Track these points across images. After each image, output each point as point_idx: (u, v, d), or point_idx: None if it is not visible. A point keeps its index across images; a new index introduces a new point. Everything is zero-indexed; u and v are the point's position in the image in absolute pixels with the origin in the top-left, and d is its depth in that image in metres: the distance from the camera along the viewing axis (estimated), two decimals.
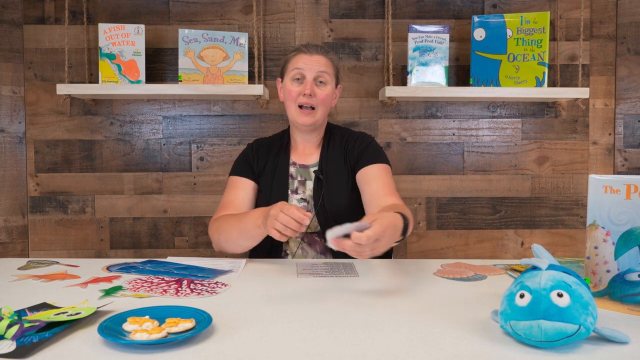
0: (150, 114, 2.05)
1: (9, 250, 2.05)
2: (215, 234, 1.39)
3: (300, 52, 1.45)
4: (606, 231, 0.92)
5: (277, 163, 1.50)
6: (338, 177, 1.46)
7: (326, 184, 1.44)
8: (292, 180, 1.48)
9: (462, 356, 0.71)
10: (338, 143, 1.51)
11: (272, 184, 1.47)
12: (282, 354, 0.72)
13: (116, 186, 2.05)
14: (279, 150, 1.52)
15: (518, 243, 2.12)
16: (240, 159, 1.54)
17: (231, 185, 1.50)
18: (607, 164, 2.11)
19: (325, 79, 1.43)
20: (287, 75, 1.47)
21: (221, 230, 1.36)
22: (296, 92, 1.42)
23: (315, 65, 1.42)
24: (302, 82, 1.43)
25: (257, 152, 1.52)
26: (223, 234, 1.35)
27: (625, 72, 2.07)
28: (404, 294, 1.01)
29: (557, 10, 2.06)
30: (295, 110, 1.43)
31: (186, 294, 1.00)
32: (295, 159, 1.51)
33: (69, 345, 0.74)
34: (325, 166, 1.47)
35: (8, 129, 2.03)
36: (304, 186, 1.47)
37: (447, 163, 2.10)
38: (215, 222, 1.41)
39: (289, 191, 1.46)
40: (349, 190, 1.45)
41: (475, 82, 1.94)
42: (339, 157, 1.48)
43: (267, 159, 1.51)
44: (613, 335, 0.74)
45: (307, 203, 1.46)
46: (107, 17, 2.02)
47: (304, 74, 1.42)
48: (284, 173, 1.48)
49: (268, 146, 1.54)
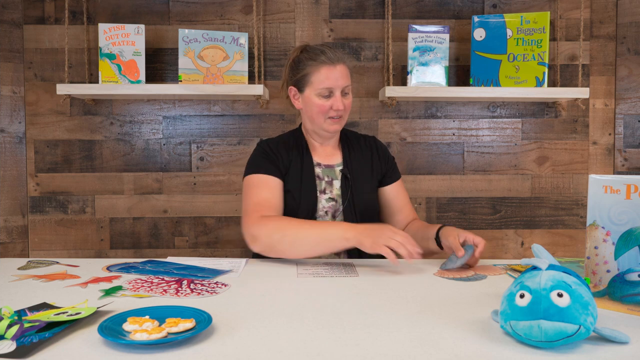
0: (150, 114, 2.05)
1: (9, 250, 2.05)
2: (276, 233, 1.29)
3: (323, 65, 1.41)
4: (606, 231, 0.92)
5: (301, 163, 1.48)
6: (364, 177, 1.52)
7: (353, 183, 1.48)
8: (319, 181, 1.48)
9: (462, 356, 0.71)
10: (360, 145, 1.57)
11: (300, 184, 1.45)
12: (282, 354, 0.72)
13: (116, 186, 2.05)
14: (300, 151, 1.50)
15: (518, 243, 2.12)
16: (261, 157, 1.47)
17: (261, 183, 1.43)
18: (607, 164, 2.11)
19: (348, 89, 1.46)
20: (310, 88, 1.44)
21: (286, 232, 1.28)
22: (327, 107, 1.43)
23: (340, 79, 1.42)
24: (329, 97, 1.43)
25: (277, 151, 1.48)
26: (289, 236, 1.27)
27: (625, 72, 2.07)
28: (404, 294, 1.01)
29: (557, 10, 2.06)
30: (326, 121, 1.45)
31: (186, 294, 1.00)
32: (319, 159, 1.52)
33: (69, 345, 0.74)
34: (350, 166, 1.51)
35: (8, 129, 2.03)
36: (331, 186, 1.49)
37: (447, 163, 2.10)
38: (268, 220, 1.32)
39: (317, 191, 1.46)
40: (374, 190, 1.54)
41: (475, 82, 1.94)
42: (364, 159, 1.55)
43: (290, 159, 1.48)
44: (613, 335, 0.74)
45: (335, 202, 1.47)
46: (107, 17, 2.02)
47: (333, 90, 1.43)
48: (310, 174, 1.47)
49: (285, 146, 1.51)
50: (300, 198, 1.43)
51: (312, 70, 1.43)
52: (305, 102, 1.47)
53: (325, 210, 1.46)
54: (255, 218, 1.34)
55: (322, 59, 1.42)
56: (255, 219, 1.34)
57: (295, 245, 1.27)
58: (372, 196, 1.52)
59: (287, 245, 1.28)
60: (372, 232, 1.20)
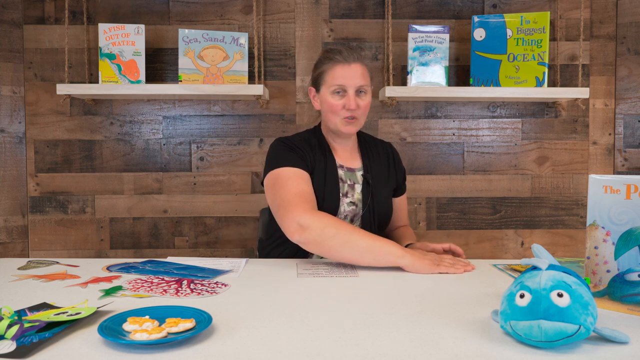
0: (150, 114, 2.05)
1: (9, 250, 2.05)
2: (330, 228, 1.22)
3: (338, 63, 1.40)
4: (606, 231, 0.92)
5: (325, 164, 1.44)
6: (382, 183, 1.51)
7: (374, 189, 1.47)
8: (342, 183, 1.45)
9: (462, 356, 0.71)
10: (378, 150, 1.56)
11: (324, 186, 1.41)
12: (282, 354, 0.72)
13: (116, 186, 2.05)
14: (323, 151, 1.46)
15: (518, 243, 2.12)
16: (287, 151, 1.41)
17: (295, 176, 1.35)
18: (607, 164, 2.11)
19: (365, 89, 1.42)
20: (325, 87, 1.42)
21: (340, 231, 1.22)
22: (339, 105, 1.40)
23: (355, 77, 1.39)
24: (343, 95, 1.40)
25: (302, 148, 1.43)
26: (343, 235, 1.22)
27: (625, 72, 2.07)
28: (404, 294, 1.01)
29: (557, 10, 2.06)
30: (340, 121, 1.42)
31: (186, 294, 1.00)
32: (341, 161, 1.48)
33: (69, 345, 0.74)
34: (371, 171, 1.49)
35: (8, 129, 2.03)
36: (353, 190, 1.46)
37: (447, 163, 2.10)
38: (321, 214, 1.26)
39: (340, 194, 1.43)
40: (389, 197, 1.55)
41: (475, 82, 1.94)
42: (383, 165, 1.54)
43: (314, 157, 1.43)
44: (613, 335, 0.74)
45: (355, 207, 1.45)
46: (107, 17, 2.02)
47: (346, 88, 1.39)
48: (334, 176, 1.44)
49: (309, 144, 1.46)
50: (324, 200, 1.39)
51: (327, 68, 1.42)
52: (321, 101, 1.45)
53: (345, 214, 1.43)
54: (306, 208, 1.26)
55: (337, 58, 1.40)
56: (306, 209, 1.26)
57: (347, 246, 1.21)
58: (388, 202, 1.52)
59: (339, 243, 1.21)
60: (425, 256, 1.22)
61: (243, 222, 2.07)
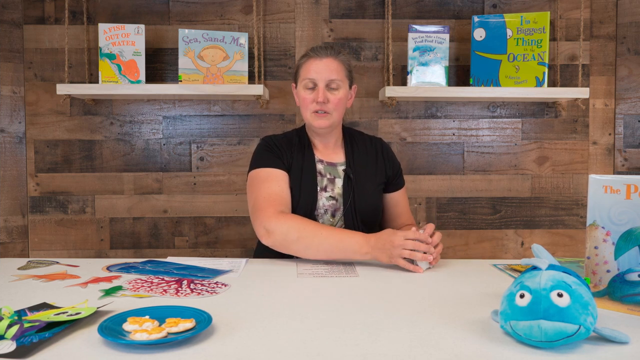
0: (150, 114, 2.05)
1: (9, 250, 2.05)
2: (293, 232, 1.27)
3: (310, 58, 1.44)
4: (606, 231, 0.92)
5: (303, 160, 1.46)
6: (367, 179, 1.50)
7: (356, 184, 1.47)
8: (321, 177, 1.47)
9: (462, 356, 0.71)
10: (365, 145, 1.55)
11: (300, 181, 1.44)
12: (282, 354, 0.72)
13: (116, 186, 2.05)
14: (302, 148, 1.49)
15: (518, 243, 2.12)
16: (265, 151, 1.46)
17: (269, 177, 1.41)
18: (607, 164, 2.11)
19: (336, 84, 1.43)
20: (299, 82, 1.47)
21: (303, 234, 1.27)
22: (309, 99, 1.43)
23: (325, 71, 1.42)
24: (314, 90, 1.43)
25: (280, 146, 1.47)
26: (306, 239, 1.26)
27: (625, 72, 2.07)
28: (404, 294, 1.01)
29: (557, 10, 2.06)
30: (311, 115, 1.44)
31: (186, 294, 1.00)
32: (321, 156, 1.51)
33: (69, 345, 0.74)
34: (353, 166, 1.49)
35: (8, 129, 2.03)
36: (332, 184, 1.47)
37: (447, 163, 2.10)
38: (285, 217, 1.31)
39: (317, 188, 1.45)
40: (378, 193, 1.53)
41: (475, 82, 1.94)
42: (368, 160, 1.53)
43: (292, 155, 1.47)
44: (613, 335, 0.74)
45: (335, 201, 1.46)
46: (107, 17, 2.02)
47: (316, 82, 1.42)
48: (311, 170, 1.46)
49: (288, 142, 1.50)
50: (300, 194, 1.42)
51: (301, 63, 1.48)
52: (299, 97, 1.49)
53: (325, 208, 1.45)
54: (272, 212, 1.32)
55: (311, 54, 1.46)
56: (272, 213, 1.31)
57: (311, 249, 1.27)
58: (374, 197, 1.50)
59: (302, 247, 1.27)
60: (385, 245, 1.20)
61: (243, 222, 2.07)
